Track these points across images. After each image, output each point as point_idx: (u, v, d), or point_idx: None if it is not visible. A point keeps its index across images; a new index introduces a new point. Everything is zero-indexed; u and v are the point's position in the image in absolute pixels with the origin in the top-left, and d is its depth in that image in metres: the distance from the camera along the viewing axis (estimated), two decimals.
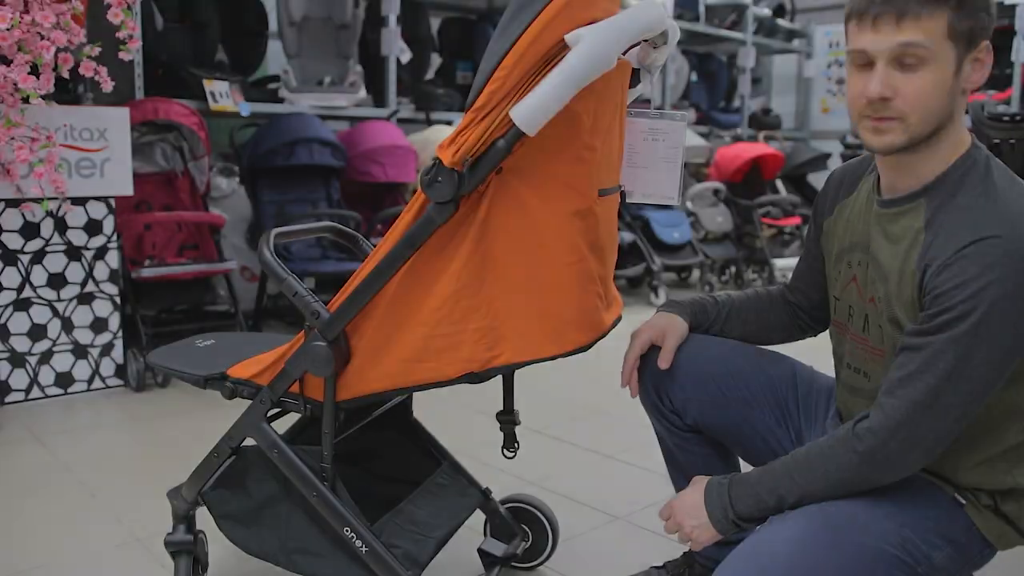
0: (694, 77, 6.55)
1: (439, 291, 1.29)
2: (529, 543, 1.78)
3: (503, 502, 1.78)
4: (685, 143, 1.44)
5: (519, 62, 1.16)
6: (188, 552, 1.61)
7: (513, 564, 1.79)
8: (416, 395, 1.80)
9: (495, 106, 1.17)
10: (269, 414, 1.49)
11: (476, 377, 1.30)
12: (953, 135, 1.22)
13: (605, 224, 1.34)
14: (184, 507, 1.59)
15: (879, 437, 1.15)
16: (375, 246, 1.36)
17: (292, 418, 1.60)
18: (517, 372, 1.53)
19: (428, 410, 2.99)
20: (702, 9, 6.25)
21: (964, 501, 1.23)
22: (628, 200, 1.45)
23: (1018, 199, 1.16)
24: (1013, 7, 5.26)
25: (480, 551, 1.72)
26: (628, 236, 4.88)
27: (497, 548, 1.70)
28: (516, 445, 1.69)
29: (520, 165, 1.23)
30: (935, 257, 1.15)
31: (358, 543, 1.41)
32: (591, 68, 1.13)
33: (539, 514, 1.78)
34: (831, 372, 1.50)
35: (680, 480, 1.64)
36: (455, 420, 2.79)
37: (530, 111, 1.13)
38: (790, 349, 1.55)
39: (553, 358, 1.30)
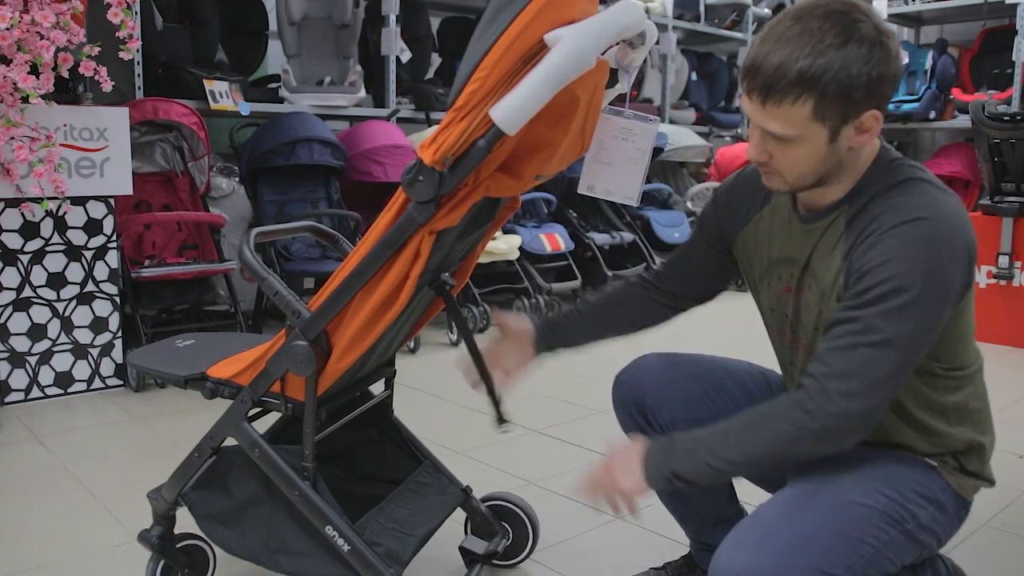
0: (694, 77, 6.55)
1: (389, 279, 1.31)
2: (510, 540, 1.78)
3: (483, 500, 1.78)
4: (653, 146, 1.47)
5: (499, 62, 1.16)
6: (160, 552, 1.60)
7: (494, 562, 1.80)
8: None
9: (475, 106, 1.18)
10: (251, 413, 1.49)
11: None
12: (858, 163, 1.25)
13: None
14: (164, 507, 1.58)
15: (839, 422, 1.15)
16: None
17: (273, 417, 1.59)
18: None
19: (427, 410, 2.98)
20: (702, 9, 6.25)
21: (935, 464, 1.30)
22: (588, 193, 1.48)
23: (935, 189, 1.21)
24: (1014, 6, 5.26)
25: (461, 549, 1.72)
26: (628, 236, 4.88)
27: (478, 546, 1.70)
28: (507, 419, 1.65)
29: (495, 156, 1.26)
30: (862, 240, 1.19)
31: (340, 541, 1.41)
32: (571, 68, 1.14)
33: (519, 511, 1.79)
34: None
35: (675, 501, 1.64)
36: (456, 420, 2.79)
37: (509, 111, 1.14)
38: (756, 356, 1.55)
39: None
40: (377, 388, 1.72)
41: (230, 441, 1.51)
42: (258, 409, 1.50)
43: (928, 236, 1.15)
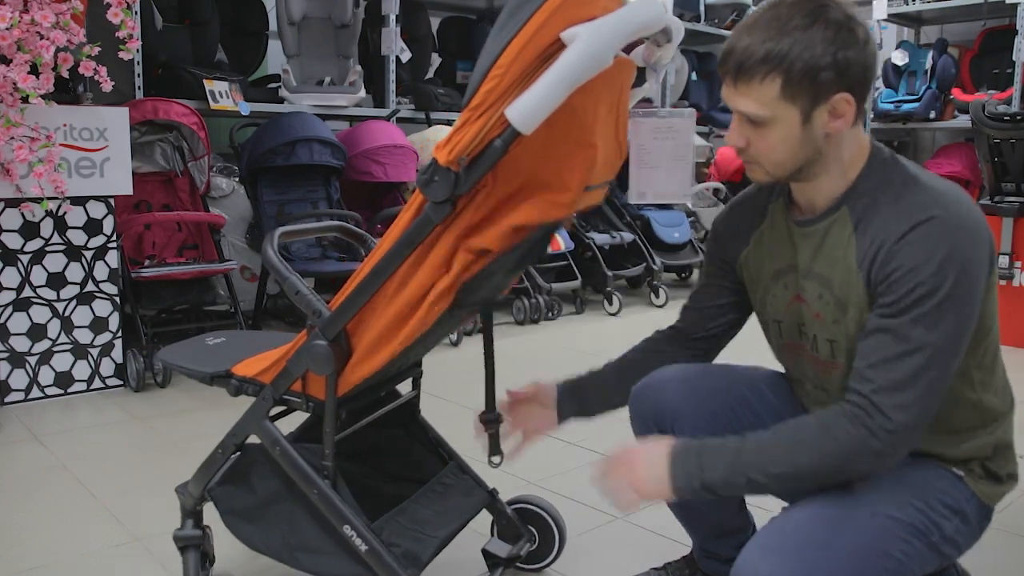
0: (694, 77, 6.55)
1: (416, 282, 1.30)
2: (535, 545, 1.77)
3: (509, 503, 1.77)
4: (694, 140, 1.43)
5: (515, 61, 1.15)
6: (196, 547, 1.62)
7: (518, 565, 1.79)
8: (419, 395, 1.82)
9: (491, 105, 1.17)
10: (277, 411, 1.50)
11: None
12: (842, 155, 1.25)
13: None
14: (191, 502, 1.61)
15: (898, 437, 1.14)
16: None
17: (302, 416, 1.60)
18: (515, 372, 1.54)
19: (429, 410, 2.97)
20: (702, 9, 6.25)
21: (962, 473, 1.28)
22: (641, 201, 1.43)
23: (936, 183, 1.21)
24: (1014, 6, 5.26)
25: (484, 551, 1.71)
26: (628, 236, 4.88)
27: (501, 549, 1.69)
28: (500, 453, 1.69)
29: (515, 164, 1.23)
30: (877, 249, 1.19)
31: (358, 541, 1.41)
32: (587, 66, 1.12)
33: (545, 515, 1.77)
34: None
35: (684, 511, 1.62)
36: (456, 421, 2.78)
37: (525, 110, 1.12)
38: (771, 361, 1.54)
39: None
40: (400, 387, 1.72)
41: (256, 439, 1.52)
42: (282, 408, 1.51)
43: (946, 231, 1.15)
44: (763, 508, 1.46)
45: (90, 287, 3.04)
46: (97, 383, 3.09)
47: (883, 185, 1.23)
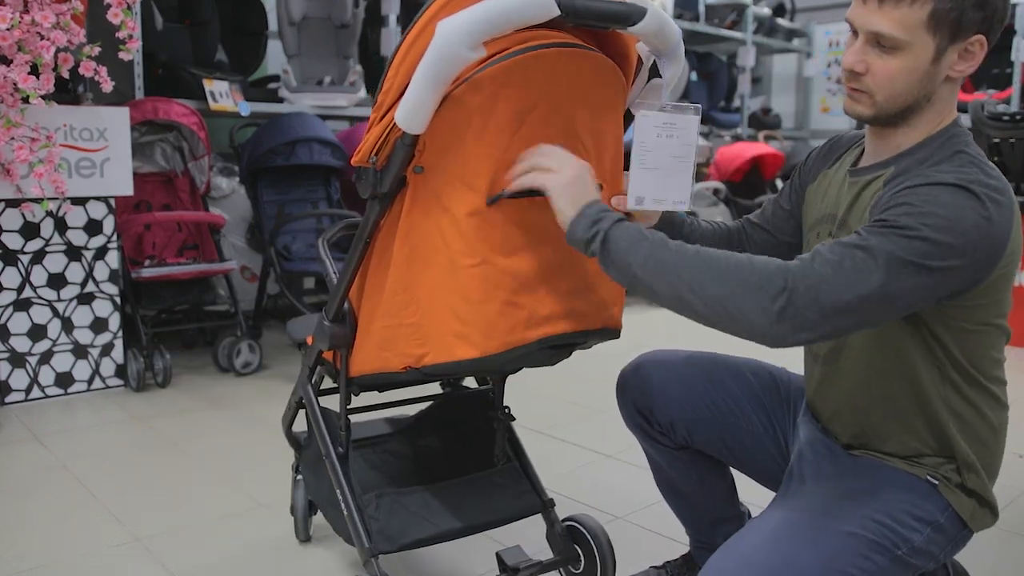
0: (694, 77, 6.55)
1: (387, 285, 1.33)
2: (580, 567, 1.71)
3: (564, 520, 1.71)
4: (697, 141, 1.33)
5: (402, 62, 1.17)
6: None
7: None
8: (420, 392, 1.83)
9: (390, 107, 1.20)
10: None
11: (417, 373, 1.32)
12: (932, 114, 1.22)
13: (528, 228, 1.25)
14: (293, 442, 1.86)
15: (793, 313, 1.07)
16: None
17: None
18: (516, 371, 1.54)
19: None
20: (702, 9, 6.25)
21: (937, 482, 1.24)
22: (638, 208, 1.31)
23: (991, 176, 1.15)
24: (1013, 6, 5.26)
25: (497, 555, 1.68)
26: None
27: (511, 557, 1.64)
28: (508, 456, 1.67)
29: (433, 163, 1.24)
30: (889, 190, 1.15)
31: (342, 505, 1.49)
32: (441, 62, 1.11)
33: (591, 541, 1.68)
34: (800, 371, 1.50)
35: (675, 498, 1.63)
36: None
37: (404, 110, 1.14)
38: (761, 353, 1.53)
39: (471, 363, 1.24)
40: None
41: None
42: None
43: (967, 204, 1.08)
44: (758, 506, 1.46)
45: (90, 287, 3.04)
46: (97, 383, 3.09)
47: (936, 153, 1.19)
